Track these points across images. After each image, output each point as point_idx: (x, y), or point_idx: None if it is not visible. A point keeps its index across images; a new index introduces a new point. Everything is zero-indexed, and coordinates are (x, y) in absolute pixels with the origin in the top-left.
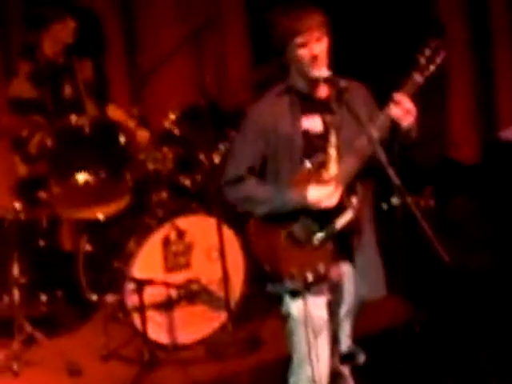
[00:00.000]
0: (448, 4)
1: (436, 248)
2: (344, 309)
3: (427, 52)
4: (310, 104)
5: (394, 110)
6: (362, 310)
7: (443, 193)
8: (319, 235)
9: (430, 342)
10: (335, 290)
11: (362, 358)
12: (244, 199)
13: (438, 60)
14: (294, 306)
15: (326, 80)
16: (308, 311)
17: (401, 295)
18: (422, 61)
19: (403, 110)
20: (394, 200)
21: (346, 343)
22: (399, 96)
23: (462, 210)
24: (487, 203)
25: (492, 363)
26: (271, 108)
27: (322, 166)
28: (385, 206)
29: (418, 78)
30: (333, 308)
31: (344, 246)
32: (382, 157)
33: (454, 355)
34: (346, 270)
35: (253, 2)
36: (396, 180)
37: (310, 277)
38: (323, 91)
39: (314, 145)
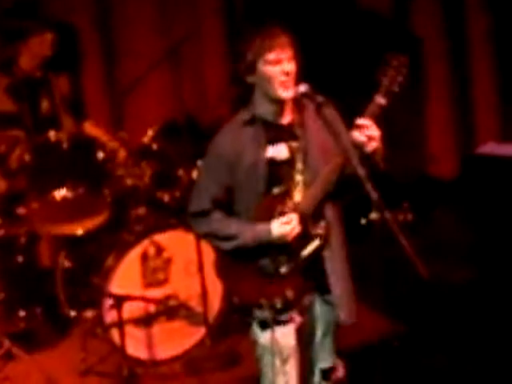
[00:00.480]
0: (424, 18)
1: (414, 263)
2: (320, 330)
3: (390, 71)
4: (275, 131)
5: (357, 136)
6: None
7: (422, 207)
8: (286, 266)
9: (409, 357)
10: (308, 314)
11: (341, 372)
12: (209, 234)
13: (400, 79)
14: (261, 335)
15: (305, 95)
16: (275, 340)
17: (380, 310)
18: (384, 81)
19: (366, 136)
20: (373, 215)
21: (328, 360)
22: (362, 121)
23: (441, 224)
24: (466, 217)
25: (473, 376)
26: (235, 139)
27: (287, 194)
28: (363, 221)
29: (380, 99)
30: (309, 331)
31: (314, 270)
32: (361, 171)
33: (434, 370)
34: (316, 295)
35: (232, 17)
36: (374, 195)
37: (278, 304)
38: (287, 117)
39: (280, 173)
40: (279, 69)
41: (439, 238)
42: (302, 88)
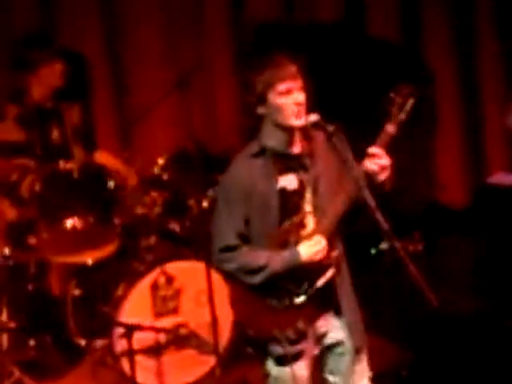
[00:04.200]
0: (438, 49)
1: (424, 292)
2: (350, 355)
3: (398, 100)
4: (285, 162)
5: (370, 165)
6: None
7: (432, 237)
8: (302, 296)
9: None
10: (325, 342)
11: None
12: (238, 270)
13: (408, 107)
14: (276, 368)
15: (315, 125)
16: (290, 373)
17: (389, 338)
18: (394, 110)
19: (378, 165)
20: (383, 244)
21: None
22: (374, 150)
23: (451, 253)
24: (477, 248)
25: None
26: (246, 172)
27: (300, 225)
28: (373, 251)
29: (390, 128)
30: (333, 365)
31: (327, 299)
32: (371, 201)
33: None
34: (333, 324)
35: (242, 47)
36: (384, 224)
37: (291, 335)
38: (297, 147)
39: (291, 203)
40: (291, 99)
41: (449, 266)
42: (313, 117)
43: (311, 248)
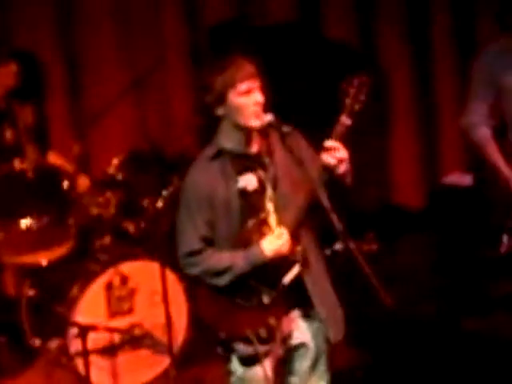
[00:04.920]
0: (392, 50)
1: (379, 293)
2: (310, 357)
3: (351, 90)
4: (243, 162)
5: (327, 159)
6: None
7: (387, 238)
8: (268, 295)
9: None
10: (292, 342)
11: None
12: (203, 274)
13: (363, 97)
14: (241, 369)
15: (271, 125)
16: (255, 373)
17: (344, 339)
18: (347, 101)
19: (336, 158)
20: (337, 245)
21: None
22: (331, 143)
23: (406, 255)
24: (432, 248)
25: None
26: (205, 176)
27: (263, 223)
28: (328, 252)
29: (345, 120)
30: (296, 359)
31: (298, 296)
32: (325, 202)
33: None
34: (299, 324)
35: (197, 48)
36: (338, 225)
37: (263, 333)
38: (254, 147)
39: (252, 203)
40: (251, 99)
41: (403, 267)
42: (268, 117)
43: (274, 242)
